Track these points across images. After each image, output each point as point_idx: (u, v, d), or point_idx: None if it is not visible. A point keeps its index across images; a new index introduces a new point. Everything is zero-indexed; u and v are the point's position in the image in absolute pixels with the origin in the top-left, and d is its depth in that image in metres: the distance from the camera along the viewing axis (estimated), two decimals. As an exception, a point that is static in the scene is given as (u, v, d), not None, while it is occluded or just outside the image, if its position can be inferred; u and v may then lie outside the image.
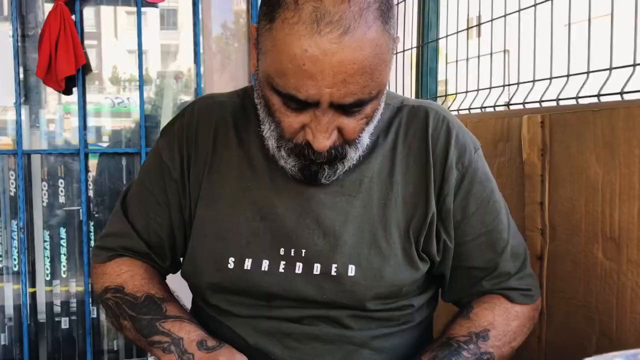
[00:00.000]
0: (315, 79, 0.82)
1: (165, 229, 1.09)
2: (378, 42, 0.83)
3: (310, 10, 0.80)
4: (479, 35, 1.71)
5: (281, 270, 0.99)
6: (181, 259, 1.14)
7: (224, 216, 1.02)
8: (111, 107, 2.64)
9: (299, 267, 0.99)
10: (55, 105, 2.59)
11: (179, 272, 1.13)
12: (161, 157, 1.09)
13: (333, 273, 0.98)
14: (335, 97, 0.84)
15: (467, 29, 1.75)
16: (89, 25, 2.63)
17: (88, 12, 2.65)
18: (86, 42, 2.55)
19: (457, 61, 1.79)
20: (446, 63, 2.03)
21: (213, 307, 1.06)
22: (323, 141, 0.88)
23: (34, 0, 2.48)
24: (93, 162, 2.58)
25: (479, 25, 1.64)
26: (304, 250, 0.99)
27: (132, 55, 2.67)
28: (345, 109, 0.87)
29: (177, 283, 1.14)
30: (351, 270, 0.98)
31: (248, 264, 1.00)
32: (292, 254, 0.99)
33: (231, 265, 1.00)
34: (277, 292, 1.00)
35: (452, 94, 1.84)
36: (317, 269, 0.99)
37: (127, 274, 1.07)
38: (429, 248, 1.03)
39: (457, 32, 1.79)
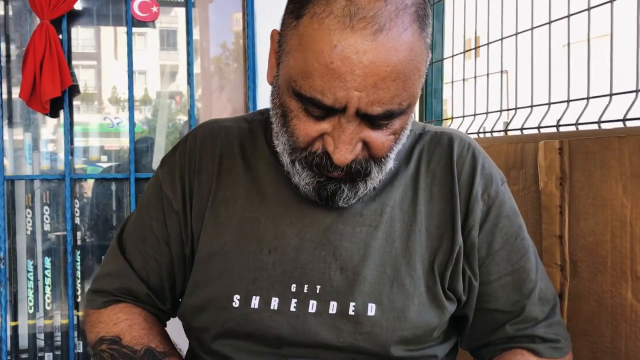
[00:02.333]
0: (344, 80, 0.74)
1: (165, 267, 1.00)
2: (413, 47, 0.77)
3: (343, 5, 0.74)
4: (487, 54, 1.60)
5: (292, 309, 0.89)
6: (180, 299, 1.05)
7: (230, 250, 0.93)
8: (110, 128, 2.55)
9: (312, 306, 0.89)
10: (42, 129, 2.49)
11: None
12: (161, 188, 1.00)
13: (351, 312, 0.88)
14: (363, 104, 0.76)
15: (475, 48, 1.65)
16: (85, 45, 2.55)
17: (85, 32, 2.56)
18: (83, 62, 2.46)
19: (463, 80, 1.69)
20: (450, 82, 1.94)
21: (214, 355, 0.94)
22: (345, 154, 0.79)
23: (20, 19, 2.39)
24: (87, 184, 2.47)
25: (487, 44, 1.54)
26: (318, 287, 0.89)
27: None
28: (373, 120, 0.78)
29: (171, 327, 1.05)
30: (371, 310, 0.88)
31: (255, 302, 0.90)
32: (306, 291, 0.89)
33: (236, 304, 0.90)
34: (287, 334, 0.89)
35: (459, 117, 1.73)
36: (333, 307, 0.88)
37: (124, 323, 0.97)
38: (455, 285, 0.92)
39: (464, 52, 1.69)
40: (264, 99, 2.48)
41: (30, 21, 2.38)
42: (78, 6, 2.47)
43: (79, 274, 2.43)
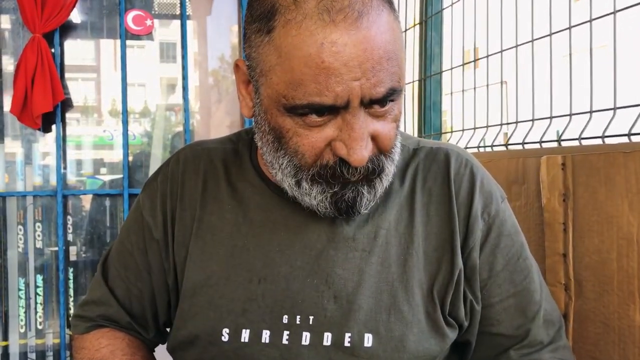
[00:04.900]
0: (339, 74, 0.71)
1: (146, 295, 0.97)
2: (392, 26, 0.76)
3: (315, 3, 0.72)
4: (487, 66, 1.57)
5: (285, 341, 0.84)
6: (167, 329, 1.01)
7: (217, 280, 0.88)
8: (110, 140, 2.52)
9: (305, 338, 0.84)
10: (34, 144, 2.45)
11: (164, 346, 0.99)
12: (142, 214, 0.97)
13: (347, 344, 0.83)
14: (366, 89, 0.73)
15: (475, 60, 1.62)
16: (80, 58, 2.53)
17: (81, 44, 2.54)
18: (80, 74, 2.44)
19: (463, 92, 1.65)
20: (449, 94, 1.90)
21: None
22: (361, 151, 0.75)
23: (12, 33, 2.36)
24: (81, 200, 2.43)
25: (487, 57, 1.51)
26: (311, 317, 0.84)
27: (131, 88, 2.57)
28: (380, 102, 0.76)
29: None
30: (368, 340, 0.83)
31: (245, 335, 0.85)
32: (298, 322, 0.84)
33: (225, 338, 0.85)
34: None
35: (459, 130, 1.70)
36: (327, 339, 0.83)
37: (106, 349, 0.94)
38: (456, 311, 0.88)
39: (463, 65, 1.66)
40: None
41: (22, 35, 2.35)
42: (73, 19, 2.44)
43: (71, 291, 2.38)
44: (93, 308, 0.99)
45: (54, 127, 2.34)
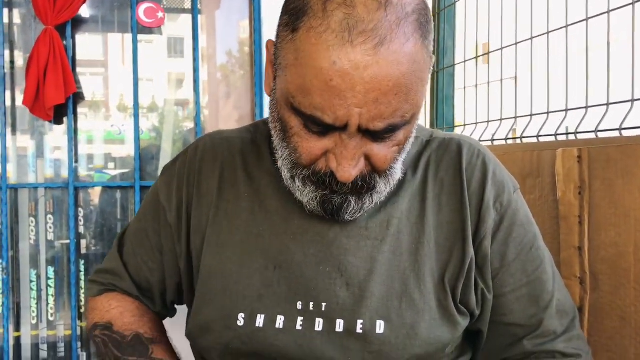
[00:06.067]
0: (344, 97, 0.71)
1: (156, 274, 1.00)
2: (416, 58, 0.73)
3: (341, 18, 0.70)
4: (501, 58, 1.56)
5: (298, 327, 0.85)
6: (175, 306, 1.06)
7: (233, 266, 0.90)
8: (118, 135, 2.52)
9: (319, 324, 0.85)
10: (46, 136, 2.45)
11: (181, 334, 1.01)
12: (158, 197, 0.99)
13: (359, 330, 0.84)
14: (364, 120, 0.73)
15: (488, 53, 1.60)
16: (91, 52, 2.54)
17: (91, 39, 2.54)
18: (90, 69, 2.44)
19: (476, 86, 1.64)
20: (462, 88, 1.89)
21: None
22: (349, 170, 0.76)
23: (24, 25, 2.36)
24: (92, 193, 2.44)
25: (501, 49, 1.50)
26: (324, 304, 0.85)
27: (139, 83, 2.57)
28: (375, 135, 0.75)
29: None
30: (380, 327, 0.84)
31: (260, 320, 0.86)
32: (311, 308, 0.86)
33: (241, 322, 0.87)
34: (294, 354, 0.85)
35: (472, 124, 1.69)
36: (339, 325, 0.84)
37: (116, 310, 0.99)
38: (467, 299, 0.88)
39: (477, 57, 1.65)
40: (271, 107, 2.44)
41: (34, 27, 2.36)
42: (83, 13, 2.44)
43: (82, 283, 2.39)
44: (107, 276, 1.04)
45: (65, 119, 2.34)
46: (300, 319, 0.85)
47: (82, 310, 2.36)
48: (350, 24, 0.70)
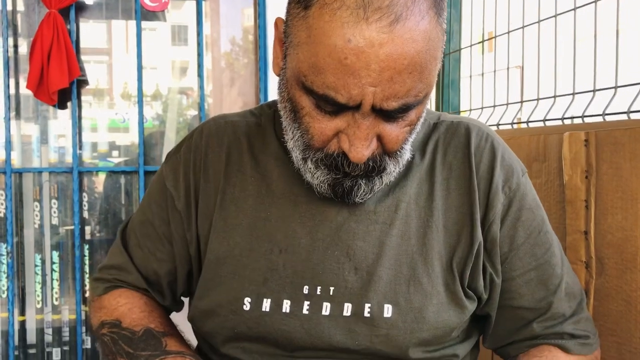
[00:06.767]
0: (358, 76, 0.69)
1: (164, 265, 0.98)
2: (431, 36, 0.72)
3: None
4: (508, 44, 1.55)
5: (305, 311, 0.85)
6: (182, 298, 1.04)
7: (240, 251, 0.89)
8: (122, 123, 2.52)
9: (326, 308, 0.85)
10: (50, 121, 2.45)
11: (183, 316, 1.00)
12: (165, 185, 0.97)
13: (366, 314, 0.84)
14: (378, 99, 0.72)
15: (494, 37, 1.59)
16: (94, 39, 2.53)
17: (95, 26, 2.53)
18: (93, 57, 2.43)
19: (482, 72, 1.63)
20: (467, 74, 1.88)
21: (224, 358, 0.91)
22: (362, 150, 0.75)
23: (28, 9, 2.35)
24: (96, 178, 2.44)
25: (508, 32, 1.49)
26: (332, 288, 0.85)
27: (143, 71, 2.57)
28: (389, 114, 0.74)
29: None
30: (387, 311, 0.84)
31: (267, 304, 0.86)
32: (319, 292, 0.85)
33: (247, 307, 0.87)
34: (300, 338, 0.85)
35: (478, 108, 1.68)
36: (347, 309, 0.84)
37: (124, 307, 0.96)
38: (475, 283, 0.88)
39: (482, 42, 1.64)
40: (275, 93, 2.44)
41: (38, 11, 2.35)
42: (87, -2, 2.44)
43: (87, 268, 2.39)
44: (112, 272, 1.01)
45: (69, 104, 2.33)
46: (306, 303, 0.85)
47: (87, 295, 2.37)
48: (365, 0, 0.68)
